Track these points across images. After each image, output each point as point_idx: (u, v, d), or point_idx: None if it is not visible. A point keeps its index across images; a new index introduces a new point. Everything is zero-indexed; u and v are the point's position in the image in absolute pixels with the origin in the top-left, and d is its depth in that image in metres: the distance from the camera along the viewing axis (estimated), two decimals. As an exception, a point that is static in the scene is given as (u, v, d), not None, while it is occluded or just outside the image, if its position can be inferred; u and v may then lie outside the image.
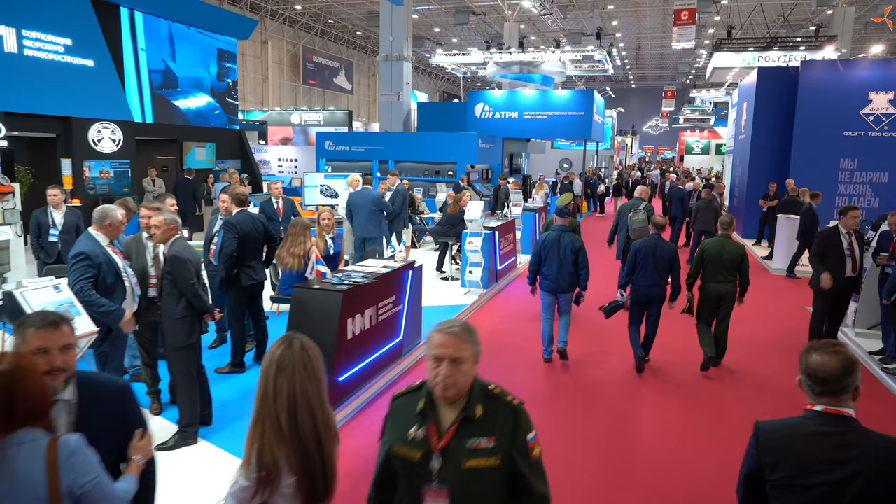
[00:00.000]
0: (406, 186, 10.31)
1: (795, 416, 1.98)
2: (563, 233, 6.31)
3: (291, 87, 44.31)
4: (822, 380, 1.87)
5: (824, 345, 1.92)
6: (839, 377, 1.85)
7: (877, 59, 16.41)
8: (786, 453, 1.89)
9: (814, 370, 1.88)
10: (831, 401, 1.87)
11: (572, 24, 39.74)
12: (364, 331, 5.32)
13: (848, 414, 1.87)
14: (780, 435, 1.92)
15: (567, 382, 6.11)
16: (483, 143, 17.72)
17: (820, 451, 1.84)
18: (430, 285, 9.72)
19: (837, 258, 6.39)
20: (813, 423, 1.88)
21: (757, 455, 1.94)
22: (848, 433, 1.85)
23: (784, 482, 1.88)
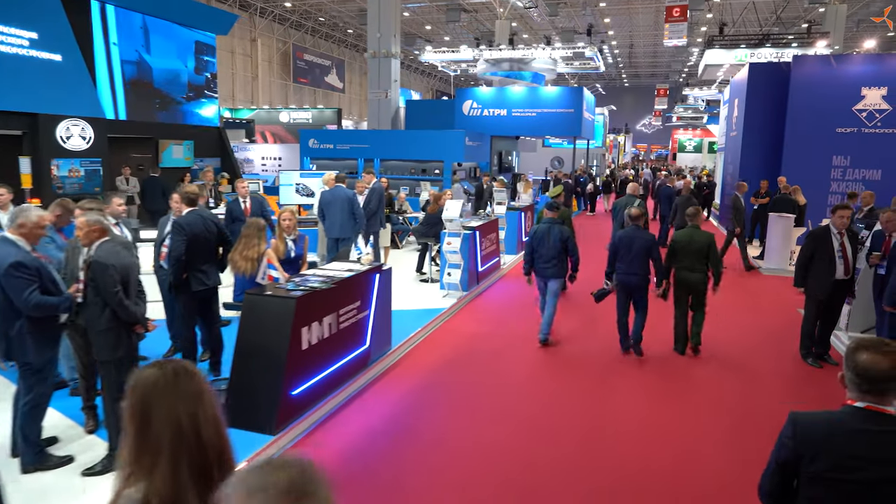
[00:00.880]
0: (384, 185, 9.93)
1: (833, 409, 1.97)
2: (552, 225, 6.84)
3: (282, 86, 43.83)
4: (871, 378, 1.85)
5: (876, 344, 1.90)
6: (890, 377, 1.85)
7: (869, 55, 16.16)
8: (825, 446, 1.87)
9: (864, 369, 1.86)
10: (876, 399, 1.87)
11: (564, 21, 39.43)
12: (323, 340, 4.95)
13: (891, 412, 1.86)
14: (819, 428, 1.91)
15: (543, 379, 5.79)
16: (470, 141, 17.36)
17: (861, 448, 1.83)
18: (409, 288, 9.36)
19: (827, 260, 6.05)
20: (855, 419, 1.88)
21: (794, 447, 1.92)
22: (890, 432, 1.84)
23: (822, 475, 1.87)
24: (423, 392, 5.59)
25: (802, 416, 1.98)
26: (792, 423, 1.98)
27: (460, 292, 8.69)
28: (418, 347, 6.79)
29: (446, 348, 6.79)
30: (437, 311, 7.95)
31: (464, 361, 6.42)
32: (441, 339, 7.12)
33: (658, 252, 6.50)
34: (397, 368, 6.11)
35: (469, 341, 7.08)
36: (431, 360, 6.37)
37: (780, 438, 2.01)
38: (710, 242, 6.42)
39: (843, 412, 1.93)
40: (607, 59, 42.69)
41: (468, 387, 5.74)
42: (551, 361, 6.53)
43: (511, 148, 23.45)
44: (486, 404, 5.37)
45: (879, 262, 6.04)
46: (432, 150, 16.98)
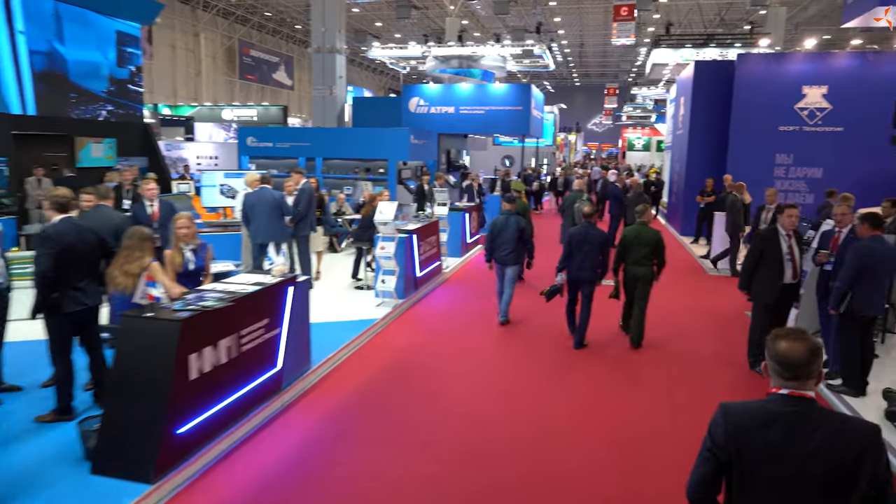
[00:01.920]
0: (314, 185, 9.25)
1: (759, 399, 2.01)
2: (510, 216, 7.44)
3: (227, 83, 42.27)
4: (791, 366, 1.92)
5: (793, 332, 1.98)
6: (808, 363, 1.91)
7: (810, 53, 16.36)
8: (755, 435, 1.91)
9: (784, 356, 1.93)
10: (798, 385, 1.92)
11: (516, 20, 39.30)
12: (219, 366, 4.29)
13: (811, 396, 1.93)
14: (747, 416, 1.94)
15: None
16: (416, 139, 16.76)
17: (787, 433, 1.89)
18: (343, 296, 8.73)
19: (776, 262, 5.74)
20: (779, 406, 1.93)
21: (723, 435, 1.94)
22: (812, 414, 1.90)
23: (750, 463, 1.91)
24: (341, 418, 4.99)
25: (731, 406, 2.01)
26: (722, 412, 2.00)
27: (396, 300, 8.11)
28: (343, 365, 6.18)
29: (374, 364, 6.20)
30: (369, 322, 7.35)
31: (391, 379, 5.85)
32: (369, 354, 6.52)
33: (609, 249, 6.81)
34: (316, 391, 5.49)
35: (400, 355, 6.50)
36: (355, 380, 5.78)
37: (710, 427, 2.02)
38: (658, 238, 6.72)
39: (769, 400, 1.97)
40: (557, 58, 42.77)
41: (392, 410, 5.18)
42: (490, 374, 6.02)
43: (460, 146, 22.97)
44: (413, 431, 4.81)
45: (828, 259, 5.75)
46: (376, 148, 16.30)
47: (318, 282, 9.44)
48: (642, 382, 6.03)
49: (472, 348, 6.88)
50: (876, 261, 5.04)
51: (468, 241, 12.23)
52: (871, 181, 12.59)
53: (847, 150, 13.34)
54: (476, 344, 7.08)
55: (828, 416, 1.93)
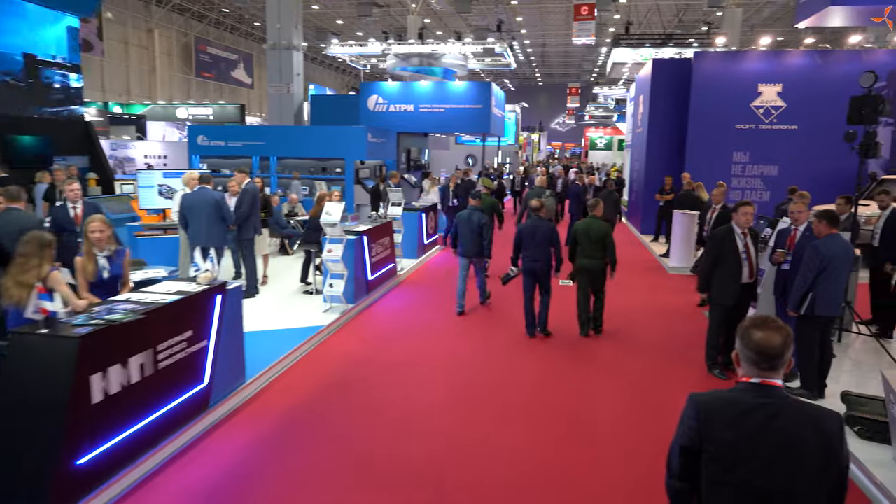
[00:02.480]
0: (259, 185, 8.78)
1: (728, 388, 2.00)
2: (473, 211, 7.92)
3: (184, 80, 41.05)
4: (769, 355, 1.91)
5: (767, 321, 1.97)
6: (783, 352, 1.93)
7: (766, 51, 16.48)
8: (728, 426, 1.90)
9: (762, 347, 1.91)
10: (770, 374, 1.92)
11: (478, 20, 39.13)
12: (129, 386, 3.85)
13: (780, 385, 1.94)
14: (719, 406, 1.94)
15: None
16: (374, 138, 16.35)
17: (763, 422, 1.89)
18: (290, 301, 8.29)
19: (733, 262, 5.55)
20: (751, 396, 1.93)
21: (697, 428, 1.93)
22: (782, 402, 1.91)
23: (728, 454, 1.89)
24: (274, 437, 4.59)
25: (702, 397, 2.00)
26: (693, 404, 1.98)
27: (344, 305, 7.72)
28: (282, 377, 5.76)
29: (315, 376, 5.80)
30: (314, 330, 6.94)
31: (332, 392, 5.46)
32: (312, 365, 6.12)
33: (559, 240, 7.05)
34: (249, 407, 5.08)
35: (344, 365, 6.12)
36: (293, 394, 5.37)
37: (682, 421, 2.01)
38: (607, 232, 6.95)
39: (740, 389, 1.96)
40: (519, 57, 42.78)
41: (331, 427, 4.80)
42: (440, 383, 5.69)
43: (421, 145, 22.62)
44: (351, 451, 4.45)
45: (785, 258, 5.58)
46: (332, 147, 15.84)
47: (265, 286, 8.98)
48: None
49: (423, 354, 6.54)
50: (834, 259, 4.88)
51: (425, 242, 11.88)
52: (826, 178, 12.71)
53: (802, 148, 13.45)
54: (429, 349, 6.75)
55: (795, 403, 1.94)
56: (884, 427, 4.31)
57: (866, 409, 4.52)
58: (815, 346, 5.03)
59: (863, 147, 6.60)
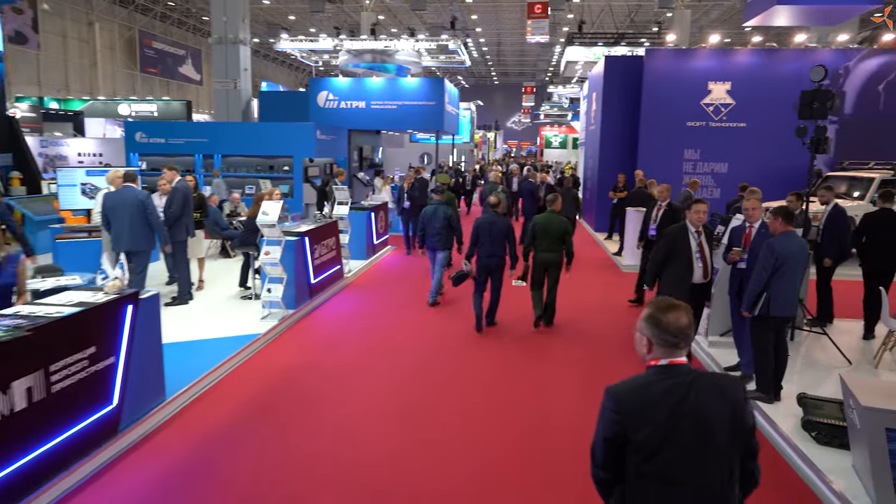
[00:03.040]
0: (191, 184, 8.20)
1: (640, 374, 2.02)
2: (438, 205, 8.11)
3: (128, 76, 39.33)
4: (684, 335, 1.97)
5: (670, 304, 2.01)
6: (690, 330, 1.99)
7: (715, 49, 16.65)
8: (647, 412, 1.91)
9: (678, 328, 1.96)
10: (679, 352, 1.98)
11: (433, 17, 38.80)
12: (12, 414, 3.34)
13: (686, 361, 1.99)
14: (636, 394, 1.95)
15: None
16: (324, 135, 15.81)
17: (680, 402, 1.92)
18: (227, 307, 7.75)
19: (685, 262, 5.34)
20: (663, 378, 1.96)
21: (619, 419, 1.93)
22: (693, 379, 1.96)
23: (647, 440, 1.90)
24: (193, 463, 4.12)
25: (618, 388, 2.00)
26: (611, 396, 1.98)
27: (284, 311, 7.24)
28: (208, 393, 5.27)
29: (246, 391, 5.33)
30: (251, 337, 6.45)
31: (264, 410, 5.01)
32: (243, 378, 5.64)
33: (514, 236, 7.07)
34: (167, 430, 4.58)
35: (280, 378, 5.66)
36: (219, 412, 4.90)
37: (602, 414, 2.00)
38: (567, 227, 7.04)
39: (652, 374, 1.99)
40: (473, 55, 42.64)
41: (258, 451, 4.36)
42: (382, 395, 5.30)
43: (374, 143, 22.09)
44: (280, 481, 4.02)
45: (740, 257, 5.39)
46: (280, 144, 15.25)
47: (200, 292, 8.41)
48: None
49: (366, 362, 6.14)
50: (789, 258, 4.70)
51: (375, 243, 11.45)
52: (776, 175, 12.84)
53: (751, 146, 13.58)
54: (373, 355, 6.35)
55: (702, 376, 1.99)
56: (841, 431, 4.14)
57: (823, 413, 4.35)
58: (769, 348, 4.85)
59: (814, 142, 6.51)
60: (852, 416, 3.63)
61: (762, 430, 4.71)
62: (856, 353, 6.26)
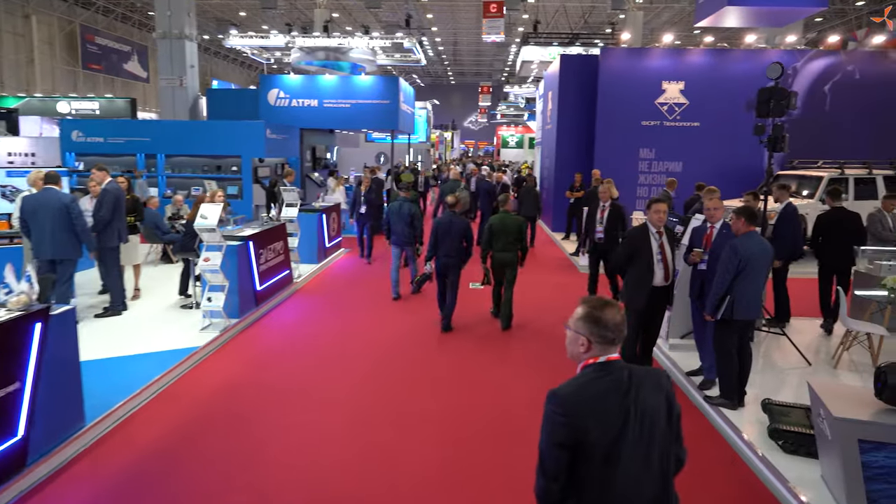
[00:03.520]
0: (122, 185, 7.62)
1: (579, 375, 2.01)
2: (403, 202, 8.37)
3: (69, 73, 37.47)
4: (620, 330, 1.99)
5: (603, 302, 2.03)
6: (624, 326, 2.01)
7: (668, 49, 16.77)
8: (596, 412, 1.90)
9: (616, 324, 1.97)
10: (615, 349, 1.99)
11: (389, 16, 38.32)
12: None
13: (619, 356, 2.02)
14: (583, 396, 1.93)
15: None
16: (274, 134, 15.24)
17: (622, 398, 1.93)
18: (165, 318, 7.22)
19: (645, 264, 5.13)
20: (604, 375, 1.96)
21: (568, 422, 1.89)
22: (629, 374, 1.97)
23: (598, 438, 1.89)
24: (114, 500, 3.68)
25: (562, 390, 1.97)
26: (557, 400, 1.94)
27: (226, 321, 6.76)
28: (135, 417, 4.79)
29: (178, 413, 4.87)
30: (187, 352, 5.97)
31: (197, 433, 4.56)
32: (176, 398, 5.17)
33: (472, 236, 7.14)
34: (84, 460, 4.10)
35: (217, 396, 5.22)
36: (146, 438, 4.43)
37: (549, 420, 1.93)
38: (522, 225, 7.16)
39: (592, 372, 1.99)
40: (429, 53, 42.37)
41: (190, 482, 3.94)
42: (332, 411, 4.92)
43: (328, 142, 21.53)
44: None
45: (702, 258, 5.22)
46: (227, 143, 14.61)
47: (136, 301, 7.84)
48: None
49: (316, 371, 5.75)
50: (753, 259, 4.55)
51: (327, 246, 11.00)
52: (730, 174, 12.96)
53: (704, 145, 13.67)
54: (324, 363, 5.97)
55: (636, 369, 2.01)
56: (808, 440, 4.00)
57: (789, 421, 4.20)
58: (733, 352, 4.69)
59: (771, 140, 6.44)
60: (822, 426, 3.46)
61: (727, 438, 4.54)
62: (814, 354, 6.21)
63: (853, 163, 12.22)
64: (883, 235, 7.49)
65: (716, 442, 4.54)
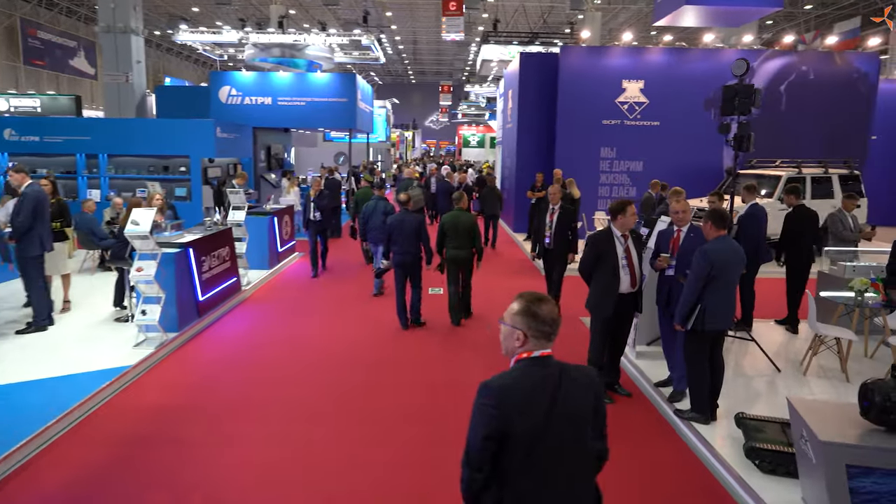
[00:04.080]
0: (46, 188, 6.95)
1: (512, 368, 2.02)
2: (379, 200, 8.60)
3: (9, 68, 35.57)
4: (557, 325, 2.01)
5: (539, 296, 2.04)
6: (559, 321, 2.03)
7: (628, 47, 16.69)
8: (527, 405, 1.91)
9: (552, 319, 1.99)
10: (549, 344, 2.01)
11: (347, 13, 37.62)
12: None
13: (552, 352, 2.03)
14: (516, 389, 1.93)
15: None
16: (225, 133, 14.57)
17: (553, 394, 1.94)
18: (95, 333, 6.60)
19: (611, 270, 4.83)
20: (537, 369, 1.98)
21: (499, 415, 1.89)
22: (560, 370, 1.99)
23: (526, 435, 1.89)
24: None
25: (494, 382, 1.96)
26: (490, 391, 1.94)
27: (163, 336, 6.22)
28: (50, 450, 4.25)
29: (100, 443, 4.34)
30: (116, 372, 5.42)
31: (121, 467, 4.06)
32: (98, 427, 4.62)
33: (426, 233, 7.14)
34: (-19, 507, 3.59)
35: (147, 422, 4.69)
36: (61, 475, 3.90)
37: (480, 411, 1.93)
38: (473, 224, 7.15)
39: (524, 366, 1.99)
40: (388, 52, 41.84)
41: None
42: (279, 435, 4.47)
43: (284, 142, 20.83)
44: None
45: (669, 264, 4.96)
46: (175, 143, 13.89)
47: (65, 314, 7.20)
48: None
49: (262, 389, 5.28)
50: (725, 265, 4.28)
51: (279, 250, 10.45)
52: (690, 174, 12.90)
53: (664, 144, 13.61)
54: (271, 379, 5.51)
55: (568, 366, 2.03)
56: (787, 458, 3.75)
57: (766, 438, 3.95)
58: (705, 365, 4.42)
59: (737, 139, 6.25)
60: (805, 448, 3.20)
61: (700, 456, 4.27)
62: (782, 359, 6.04)
63: (809, 162, 12.31)
64: (844, 235, 7.44)
65: (688, 461, 4.26)
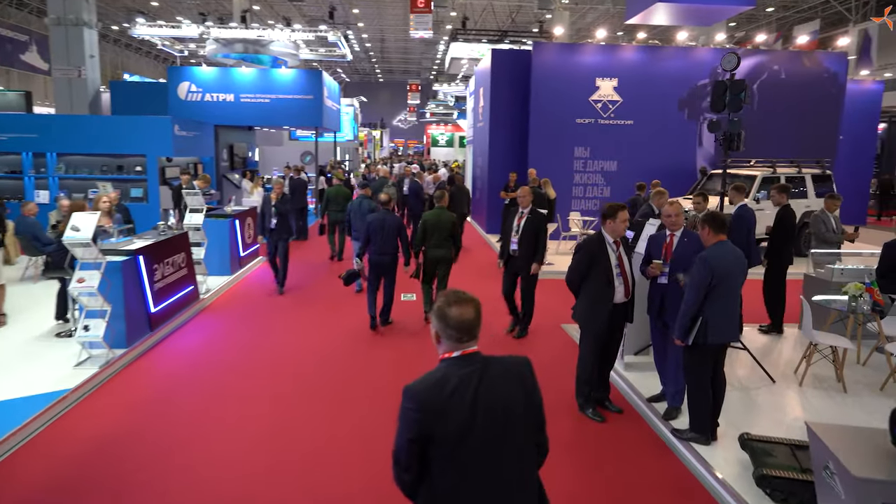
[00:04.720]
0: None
1: (434, 369, 1.98)
2: (363, 199, 8.52)
3: (-44, 63, 33.74)
4: (467, 329, 1.95)
5: (457, 298, 1.99)
6: (478, 322, 1.98)
7: (602, 45, 16.47)
8: (448, 406, 1.88)
9: (461, 323, 1.94)
10: (470, 344, 1.97)
11: (313, 10, 36.81)
12: None
13: (476, 349, 1.99)
14: (435, 391, 1.91)
15: None
16: (184, 131, 13.87)
17: (473, 393, 1.90)
18: (33, 350, 5.97)
19: (604, 280, 4.47)
20: (457, 369, 1.94)
21: (420, 418, 1.89)
22: (485, 366, 1.95)
23: (450, 434, 1.88)
24: None
25: (416, 386, 1.94)
26: (411, 395, 1.92)
27: (109, 353, 5.63)
28: (-33, 494, 3.70)
29: (31, 483, 3.80)
30: (53, 397, 4.83)
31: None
32: (29, 462, 4.06)
33: (406, 233, 7.15)
34: None
35: (88, 455, 4.14)
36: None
37: (404, 415, 1.92)
38: (455, 222, 7.21)
39: (446, 366, 1.96)
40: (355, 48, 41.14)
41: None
42: (249, 442, 3.97)
43: (247, 140, 20.08)
44: None
45: (662, 271, 4.61)
46: (130, 141, 13.16)
47: (0, 329, 6.54)
48: None
49: (220, 409, 4.77)
50: (727, 273, 3.95)
51: (241, 255, 9.85)
52: (665, 174, 12.70)
53: (639, 143, 13.41)
54: (232, 396, 5.00)
55: (494, 360, 2.00)
56: (801, 487, 3.43)
57: (776, 464, 3.62)
58: (707, 382, 4.09)
59: (726, 138, 5.97)
60: (831, 482, 2.87)
61: (701, 480, 3.93)
62: (773, 368, 5.77)
63: (782, 162, 12.24)
64: (826, 237, 7.25)
65: (689, 485, 3.92)
